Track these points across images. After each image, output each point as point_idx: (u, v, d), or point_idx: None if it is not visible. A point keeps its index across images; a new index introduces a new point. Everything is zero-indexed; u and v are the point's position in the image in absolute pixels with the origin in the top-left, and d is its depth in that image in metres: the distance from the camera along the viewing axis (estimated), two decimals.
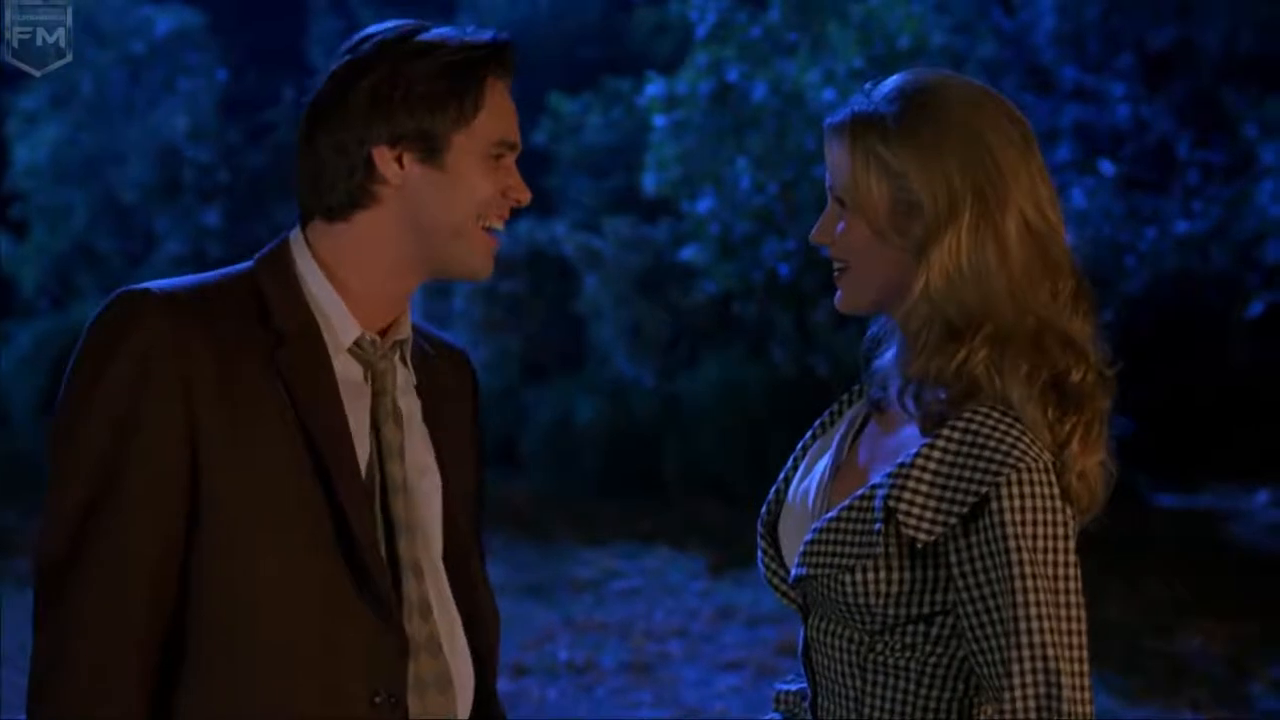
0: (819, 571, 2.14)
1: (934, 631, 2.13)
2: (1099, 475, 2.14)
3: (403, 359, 2.26)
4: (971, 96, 2.17)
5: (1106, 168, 11.19)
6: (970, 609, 2.06)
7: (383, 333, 2.23)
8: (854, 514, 2.14)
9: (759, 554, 2.31)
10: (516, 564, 9.07)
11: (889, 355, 2.30)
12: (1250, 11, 12.52)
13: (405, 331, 2.25)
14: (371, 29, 2.22)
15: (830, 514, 2.17)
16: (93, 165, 13.49)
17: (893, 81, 2.20)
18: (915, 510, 2.09)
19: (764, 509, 2.33)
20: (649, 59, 12.22)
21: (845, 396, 2.39)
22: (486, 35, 2.19)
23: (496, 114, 2.18)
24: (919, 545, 2.09)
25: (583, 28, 14.24)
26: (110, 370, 2.06)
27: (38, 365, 13.01)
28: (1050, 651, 2.00)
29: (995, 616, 2.04)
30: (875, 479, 2.16)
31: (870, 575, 2.11)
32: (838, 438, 2.30)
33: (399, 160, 2.16)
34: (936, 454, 2.09)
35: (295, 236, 2.22)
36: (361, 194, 2.17)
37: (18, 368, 13.21)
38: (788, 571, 2.25)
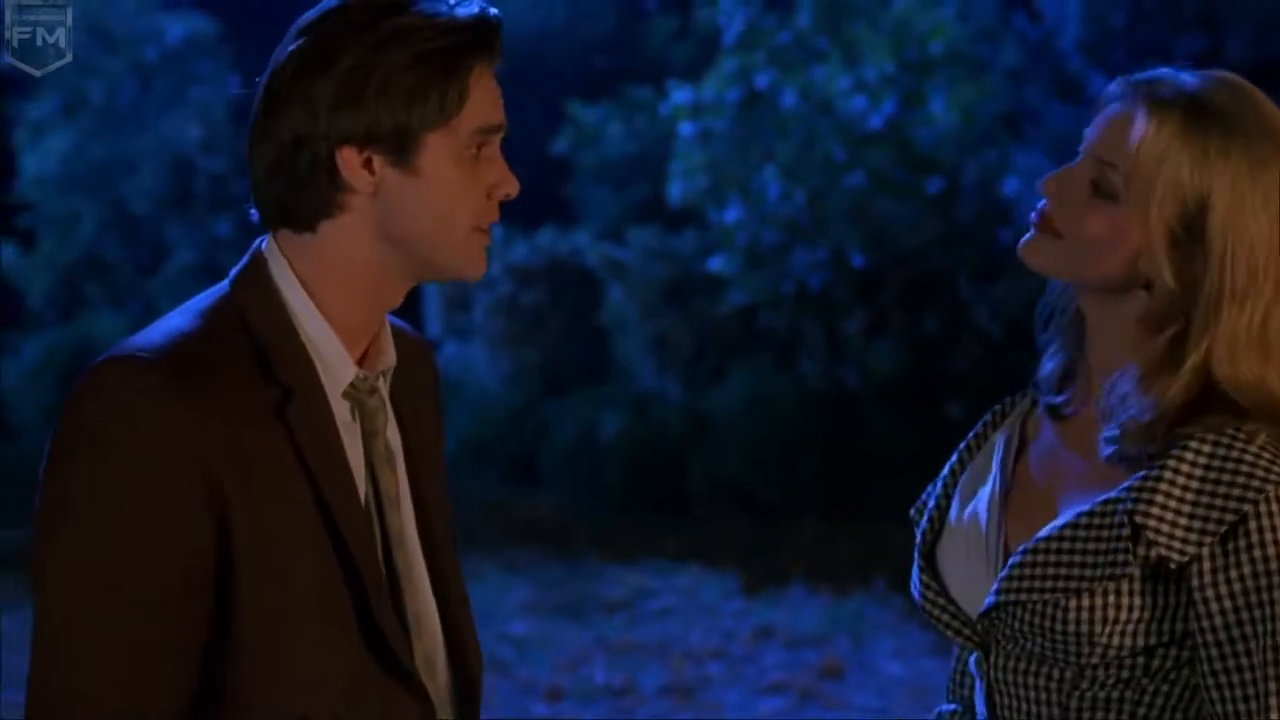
0: (1029, 598, 1.94)
1: (1154, 664, 1.94)
2: None
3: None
4: None
5: None
6: (1217, 637, 1.88)
7: (361, 359, 1.95)
8: (1079, 533, 1.94)
9: (917, 586, 2.11)
10: (544, 582, 8.88)
11: (1063, 358, 2.10)
12: (1278, 18, 12.37)
13: (390, 357, 1.97)
14: (334, 1, 1.89)
15: (1042, 534, 1.96)
16: (102, 175, 13.30)
17: (1209, 86, 1.96)
18: (1166, 528, 1.89)
19: (919, 536, 2.13)
20: (665, 67, 12.05)
21: (989, 418, 2.19)
22: (472, 10, 1.87)
23: (479, 104, 1.88)
24: (1171, 566, 1.89)
25: (597, 36, 14.07)
26: (117, 465, 1.78)
27: (45, 378, 12.83)
28: None
29: (1251, 646, 1.86)
30: (1081, 502, 1.96)
31: (1102, 600, 1.91)
32: (997, 459, 2.11)
33: (368, 164, 1.86)
34: (1186, 468, 1.90)
35: (269, 248, 1.92)
36: (326, 202, 1.87)
37: (25, 381, 13.03)
38: (953, 603, 2.06)
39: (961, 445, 2.18)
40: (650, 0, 13.61)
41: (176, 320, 1.88)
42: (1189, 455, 1.90)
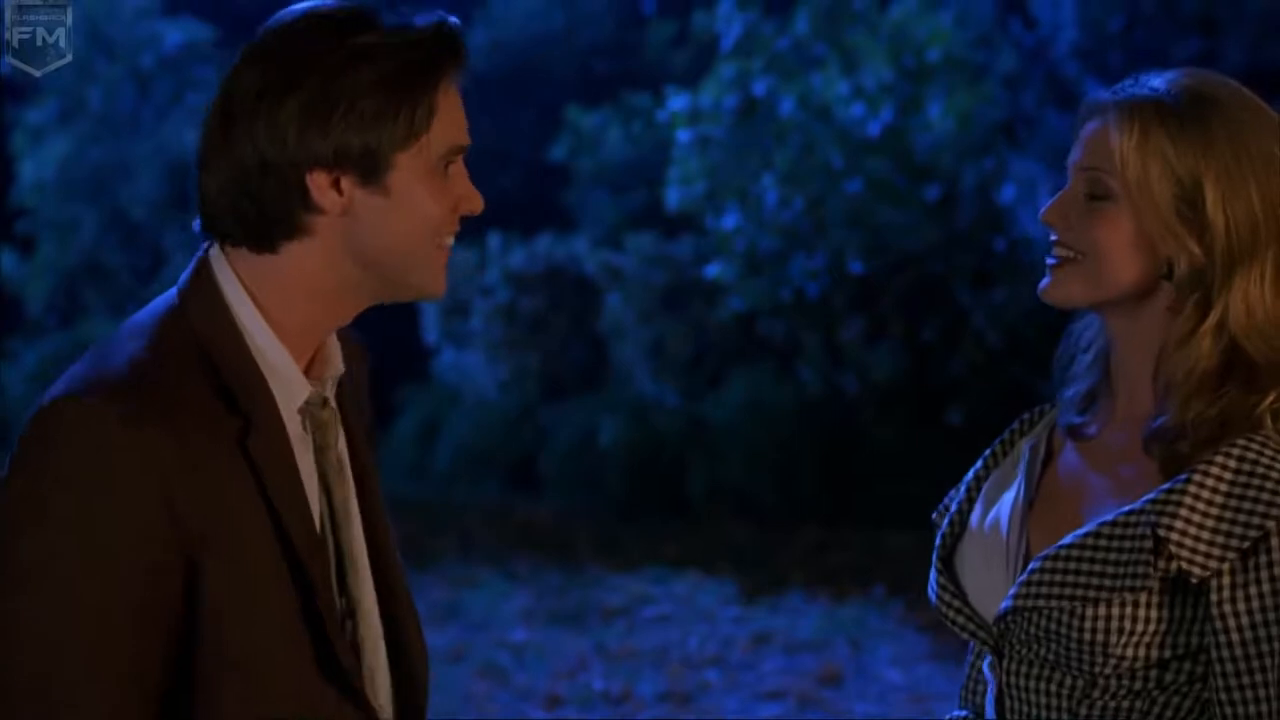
0: (1047, 605, 1.95)
1: (1167, 677, 1.95)
2: None
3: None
4: (1264, 114, 2.01)
5: None
6: (1233, 653, 1.89)
7: (307, 369, 1.93)
8: (1100, 542, 1.95)
9: (934, 588, 2.12)
10: (543, 589, 8.88)
11: (1090, 381, 2.11)
12: (1276, 23, 12.38)
13: (338, 365, 1.95)
14: (293, 13, 1.87)
15: (1065, 541, 1.98)
16: (101, 180, 13.31)
17: (1175, 78, 2.01)
18: (1189, 542, 1.90)
19: (938, 540, 2.15)
20: (664, 73, 12.06)
21: (1016, 426, 2.21)
22: (431, 20, 1.86)
23: (446, 121, 1.86)
24: (1193, 581, 1.90)
25: (596, 42, 14.08)
26: (77, 509, 1.76)
27: (44, 385, 12.81)
28: None
29: (1267, 664, 1.87)
30: (1114, 509, 1.96)
31: (1119, 610, 1.92)
32: (1022, 468, 2.12)
33: (336, 184, 1.84)
34: (1211, 482, 1.92)
35: (215, 260, 1.89)
36: (292, 224, 1.85)
37: (24, 388, 13.03)
38: (969, 605, 2.08)
39: (987, 451, 2.20)
40: (648, 6, 13.62)
41: (130, 346, 1.85)
42: (1214, 470, 1.92)
